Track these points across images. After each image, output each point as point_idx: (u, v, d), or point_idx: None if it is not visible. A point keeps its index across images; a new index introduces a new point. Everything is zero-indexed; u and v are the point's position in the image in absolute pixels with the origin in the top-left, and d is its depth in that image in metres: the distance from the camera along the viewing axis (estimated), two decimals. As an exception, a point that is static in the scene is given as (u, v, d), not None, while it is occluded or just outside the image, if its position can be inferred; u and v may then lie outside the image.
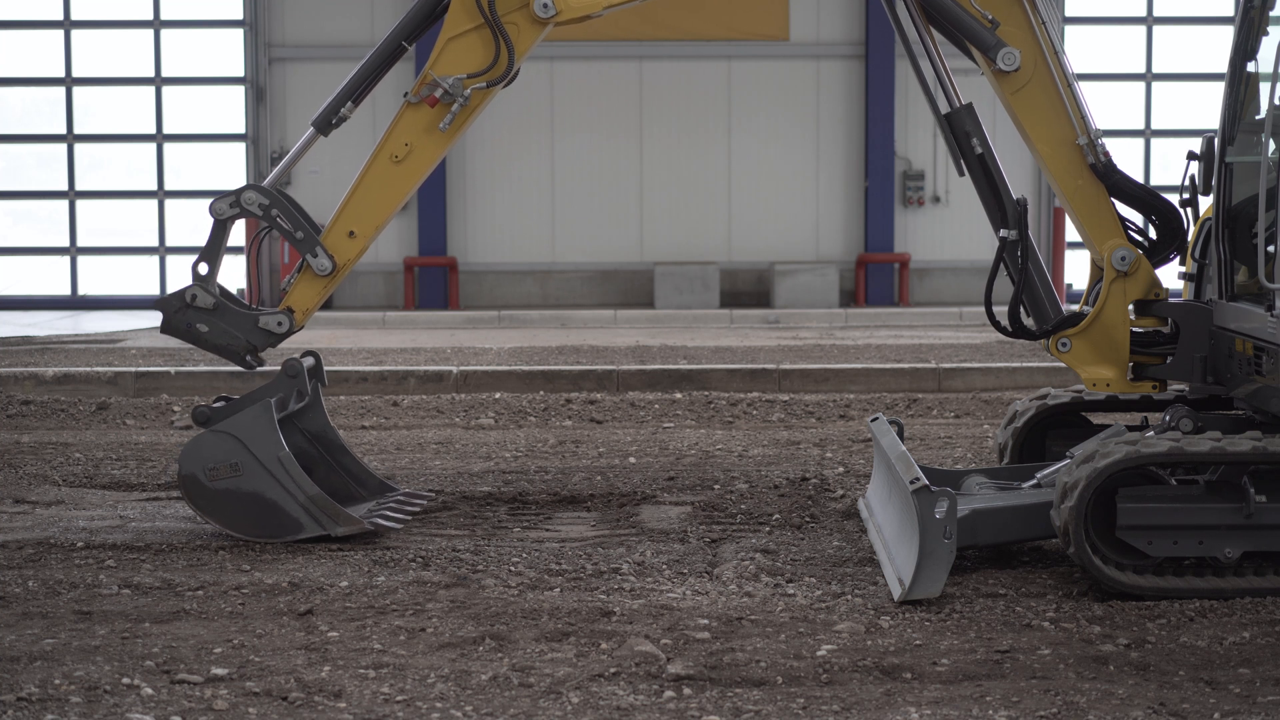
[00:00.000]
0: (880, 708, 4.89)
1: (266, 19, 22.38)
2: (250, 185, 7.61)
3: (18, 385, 13.24)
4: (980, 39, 7.21)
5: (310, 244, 7.54)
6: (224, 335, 7.58)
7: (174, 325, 7.61)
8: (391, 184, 7.57)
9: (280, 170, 7.72)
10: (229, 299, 7.59)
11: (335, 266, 7.55)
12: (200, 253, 7.59)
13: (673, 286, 21.69)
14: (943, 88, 7.43)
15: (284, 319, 7.59)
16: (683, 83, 22.62)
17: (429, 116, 7.51)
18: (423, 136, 7.52)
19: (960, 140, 7.35)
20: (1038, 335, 7.42)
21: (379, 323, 20.31)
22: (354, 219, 7.58)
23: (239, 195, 7.53)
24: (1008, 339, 15.96)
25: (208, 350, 7.66)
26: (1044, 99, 7.24)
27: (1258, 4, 7.17)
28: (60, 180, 23.06)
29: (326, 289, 7.63)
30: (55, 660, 5.32)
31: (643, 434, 10.90)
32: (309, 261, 7.56)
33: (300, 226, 7.56)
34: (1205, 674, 5.22)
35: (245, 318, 7.58)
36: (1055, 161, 7.28)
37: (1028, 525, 6.69)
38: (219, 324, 7.57)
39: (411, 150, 7.53)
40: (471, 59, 7.54)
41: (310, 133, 7.62)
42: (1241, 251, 7.10)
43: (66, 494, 8.65)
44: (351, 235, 7.58)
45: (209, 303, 7.55)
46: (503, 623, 5.82)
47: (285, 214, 7.54)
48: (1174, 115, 23.22)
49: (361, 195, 7.58)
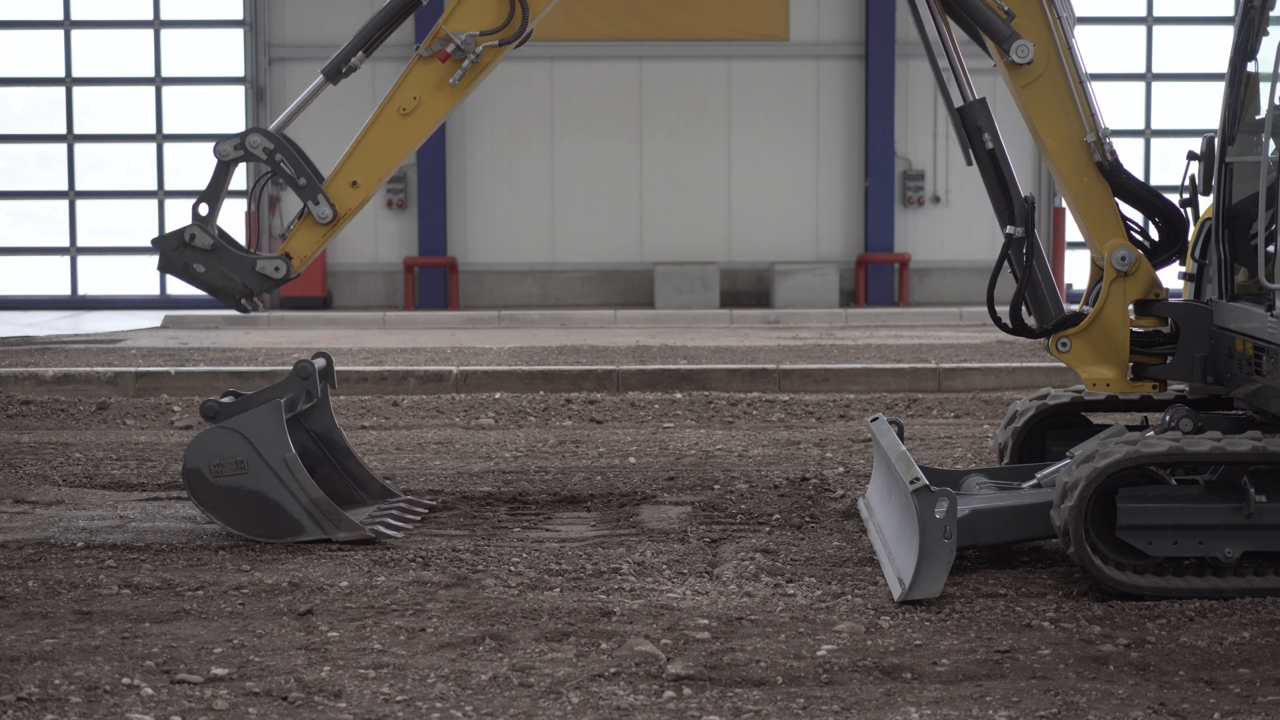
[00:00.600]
0: (880, 708, 4.89)
1: (266, 19, 22.39)
2: (256, 128, 7.58)
3: (18, 385, 13.24)
4: (995, 30, 7.21)
5: (313, 191, 7.52)
6: (220, 277, 7.55)
7: (171, 263, 7.58)
8: (397, 136, 7.57)
9: (287, 116, 7.68)
10: (227, 241, 7.56)
11: (336, 215, 7.54)
12: (201, 193, 7.56)
13: (673, 286, 21.70)
14: (957, 81, 7.42)
15: (281, 264, 7.57)
16: (683, 83, 22.62)
17: (439, 71, 7.50)
18: (432, 91, 7.53)
19: (972, 135, 7.35)
20: (1038, 333, 7.42)
21: (379, 323, 20.31)
22: (357, 169, 7.58)
23: (244, 138, 7.51)
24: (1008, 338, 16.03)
25: (203, 290, 7.61)
26: (1054, 94, 7.23)
27: (1258, 4, 7.17)
28: (60, 180, 23.07)
29: (326, 237, 7.61)
30: (55, 660, 5.32)
31: (643, 434, 10.90)
32: (310, 209, 7.54)
33: (303, 173, 7.53)
34: (1205, 674, 5.22)
35: (243, 260, 7.56)
36: (1062, 157, 7.28)
37: (1028, 525, 6.68)
38: (216, 265, 7.55)
39: (420, 104, 7.53)
40: (485, 16, 7.52)
41: (319, 81, 7.61)
42: (1241, 251, 7.09)
43: (66, 494, 8.65)
44: (354, 185, 7.57)
45: (207, 243, 7.52)
46: (503, 623, 5.82)
47: (289, 159, 7.52)
48: (1174, 115, 23.23)
49: (366, 146, 7.57)
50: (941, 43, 7.45)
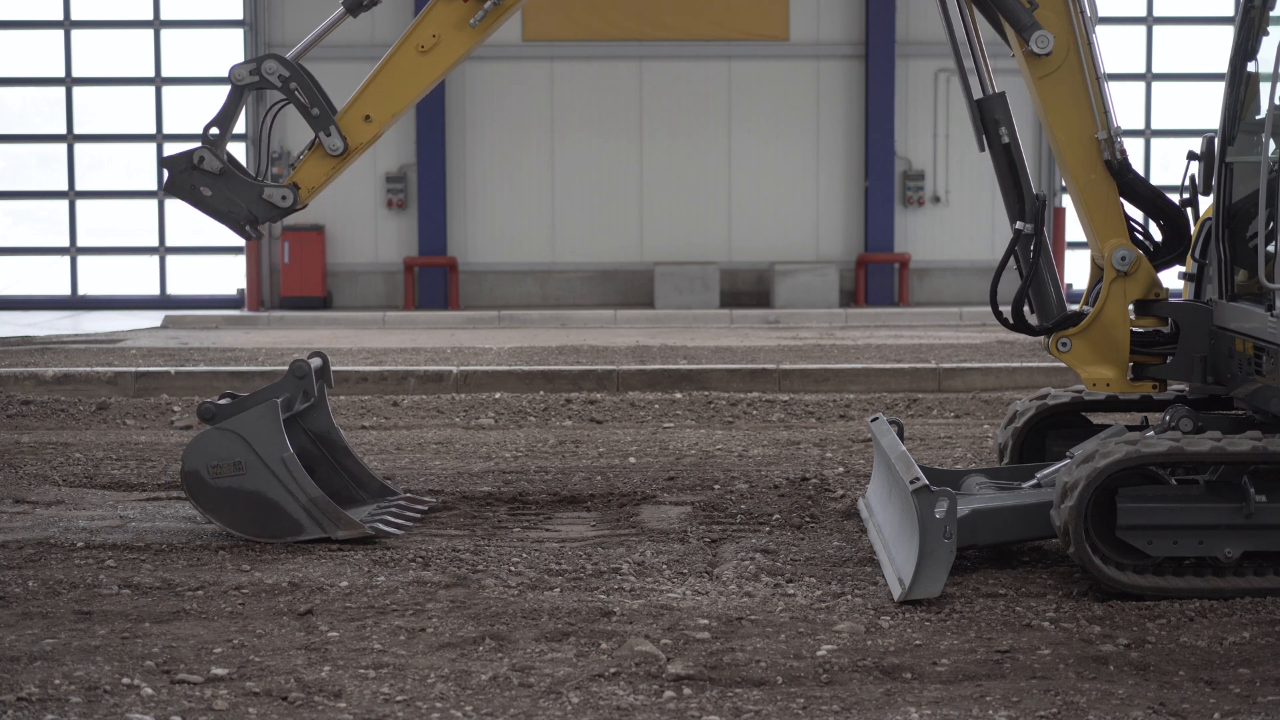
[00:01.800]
0: (880, 708, 4.89)
1: (266, 19, 22.38)
2: (272, 54, 7.54)
3: (18, 385, 13.24)
4: (1018, 18, 7.20)
5: (325, 122, 7.49)
6: (226, 202, 7.51)
7: (178, 185, 7.53)
8: (414, 73, 7.55)
9: (305, 45, 7.64)
10: (236, 167, 7.53)
11: (348, 148, 7.51)
12: (214, 116, 7.51)
13: (673, 286, 21.70)
14: (979, 73, 7.41)
15: (288, 193, 7.53)
16: (683, 83, 22.62)
17: (461, 11, 7.48)
18: (451, 31, 7.50)
19: (989, 128, 7.34)
20: (1038, 330, 7.42)
21: (379, 323, 20.31)
22: (371, 103, 7.55)
23: (260, 64, 7.47)
24: (1008, 337, 16.03)
25: (208, 214, 7.56)
26: (1070, 88, 7.23)
27: (1258, 4, 7.17)
28: (60, 180, 23.06)
29: (336, 170, 7.58)
30: (55, 660, 5.32)
31: (643, 434, 10.90)
32: (321, 139, 7.50)
33: (317, 103, 7.49)
34: (1205, 674, 5.22)
35: (250, 187, 7.53)
36: (1072, 152, 7.28)
37: (1028, 525, 6.68)
38: (223, 190, 7.50)
39: (439, 42, 7.51)
40: None
41: (339, 12, 7.59)
42: (1241, 251, 7.10)
43: (66, 494, 8.65)
44: (367, 119, 7.55)
45: (215, 167, 7.48)
46: (503, 623, 5.82)
47: (303, 88, 7.48)
48: (1174, 115, 23.23)
49: (382, 81, 7.55)
50: (965, 33, 7.44)
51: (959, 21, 7.42)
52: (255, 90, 7.52)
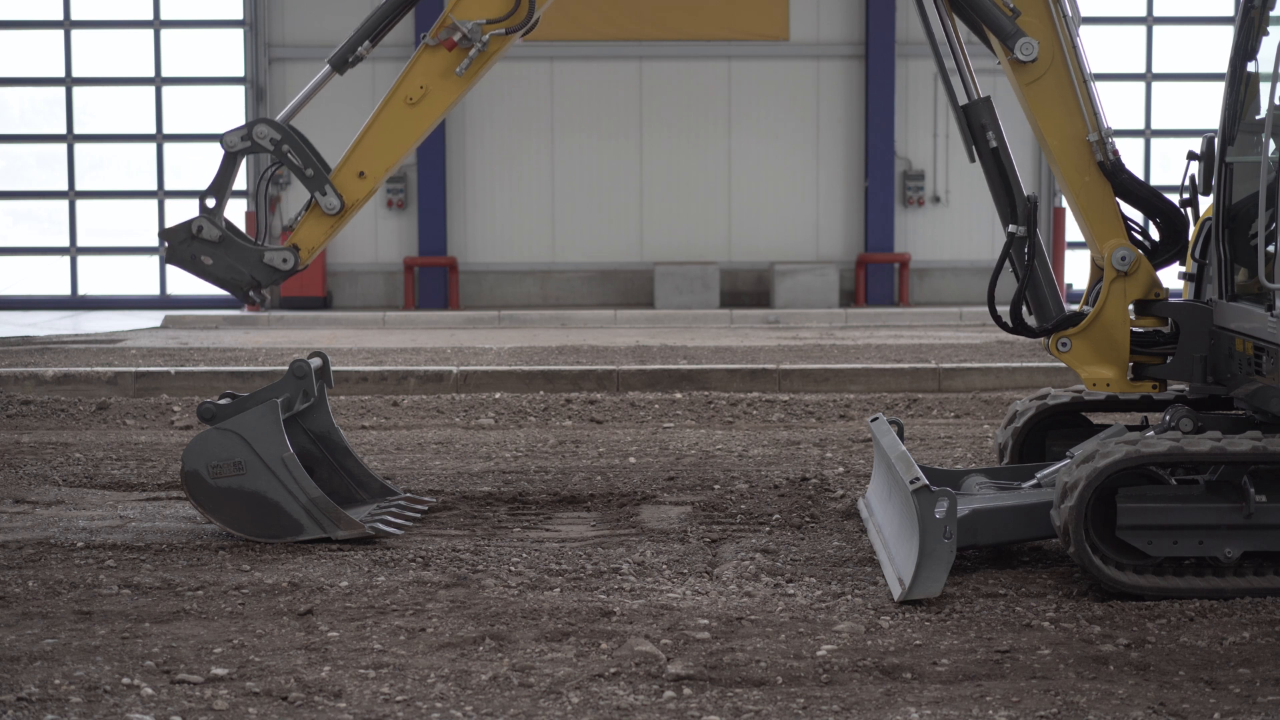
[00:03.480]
0: (880, 708, 4.89)
1: (266, 19, 22.38)
2: (262, 119, 7.56)
3: (18, 385, 13.24)
4: (1000, 27, 7.21)
5: (320, 182, 7.51)
6: (229, 269, 7.53)
7: (179, 255, 7.54)
8: (404, 126, 7.56)
9: (293, 107, 7.65)
10: (235, 233, 7.55)
11: (344, 206, 7.53)
12: (208, 186, 7.53)
13: (673, 286, 21.70)
14: (963, 79, 7.42)
15: (289, 255, 7.55)
16: (683, 83, 22.63)
17: (446, 60, 7.50)
18: (438, 80, 7.52)
19: (975, 133, 7.35)
20: (1038, 333, 7.42)
21: (379, 323, 20.31)
22: (364, 159, 7.56)
23: (251, 129, 7.49)
24: (1008, 337, 16.03)
25: (211, 282, 7.58)
26: (1058, 92, 7.23)
27: (1258, 4, 7.17)
28: (60, 180, 23.07)
29: (334, 229, 7.60)
30: (55, 660, 5.32)
31: (643, 434, 10.90)
32: (317, 200, 7.52)
33: (310, 163, 7.52)
34: (1205, 674, 5.22)
35: (250, 252, 7.54)
36: (1064, 156, 7.28)
37: (1028, 525, 6.68)
38: (224, 257, 7.52)
39: (427, 93, 7.53)
40: (491, 4, 7.53)
41: (326, 70, 7.59)
42: (1241, 251, 7.10)
43: (66, 494, 8.65)
44: (361, 176, 7.56)
45: (215, 235, 7.49)
46: (503, 623, 5.82)
47: (296, 150, 7.51)
48: (1174, 115, 23.24)
49: (373, 136, 7.56)
50: (947, 40, 7.45)
51: (939, 27, 7.44)
52: (248, 155, 7.52)
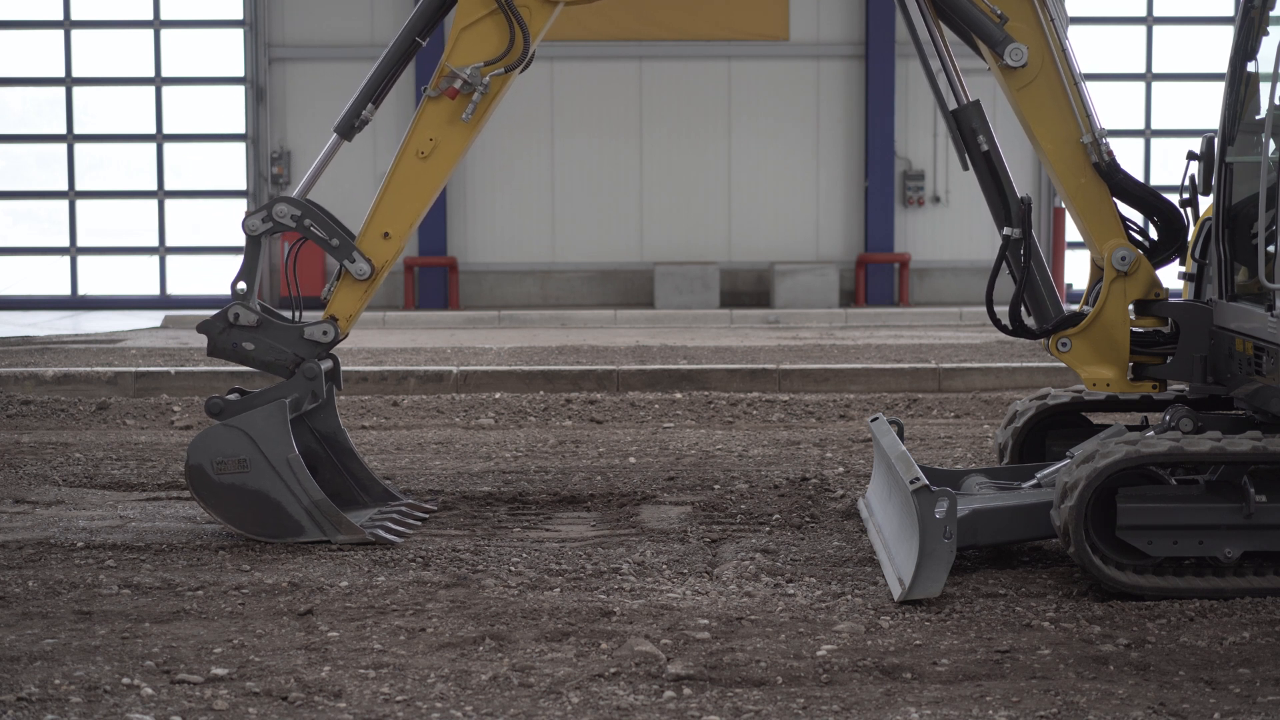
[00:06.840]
0: (880, 708, 4.89)
1: (266, 19, 22.38)
2: (281, 197, 7.60)
3: (18, 385, 13.24)
4: (988, 34, 7.21)
5: (347, 250, 7.54)
6: (271, 351, 7.55)
7: (220, 347, 7.58)
8: (420, 181, 7.57)
9: (308, 180, 7.70)
10: (270, 314, 7.59)
11: (374, 270, 7.55)
12: (238, 272, 7.58)
13: (673, 286, 21.71)
14: (951, 84, 7.43)
15: (329, 328, 7.57)
16: (683, 83, 22.63)
17: (450, 109, 7.52)
18: (446, 129, 7.54)
19: (967, 137, 7.35)
20: (1038, 334, 7.42)
21: (379, 323, 20.31)
22: (387, 220, 7.58)
23: (270, 209, 7.53)
24: (1008, 338, 16.03)
25: (256, 367, 7.61)
26: (1049, 96, 7.24)
27: (1258, 4, 7.17)
28: (60, 180, 23.08)
29: (368, 293, 7.62)
30: (55, 660, 5.32)
31: (643, 434, 10.90)
32: (347, 268, 7.55)
33: (335, 233, 7.55)
34: (1205, 674, 5.22)
35: (290, 331, 7.57)
36: (1059, 159, 7.29)
37: (1028, 525, 6.68)
38: (265, 340, 7.54)
39: (437, 145, 7.55)
40: (486, 46, 7.55)
41: (334, 139, 7.64)
42: (1241, 251, 7.10)
43: (66, 494, 8.65)
44: (386, 236, 7.58)
45: (252, 320, 7.52)
46: (503, 623, 5.82)
47: (318, 223, 7.55)
48: (1174, 115, 23.24)
49: (392, 195, 7.58)
50: (934, 46, 7.46)
51: (924, 33, 7.44)
52: (271, 235, 7.55)
